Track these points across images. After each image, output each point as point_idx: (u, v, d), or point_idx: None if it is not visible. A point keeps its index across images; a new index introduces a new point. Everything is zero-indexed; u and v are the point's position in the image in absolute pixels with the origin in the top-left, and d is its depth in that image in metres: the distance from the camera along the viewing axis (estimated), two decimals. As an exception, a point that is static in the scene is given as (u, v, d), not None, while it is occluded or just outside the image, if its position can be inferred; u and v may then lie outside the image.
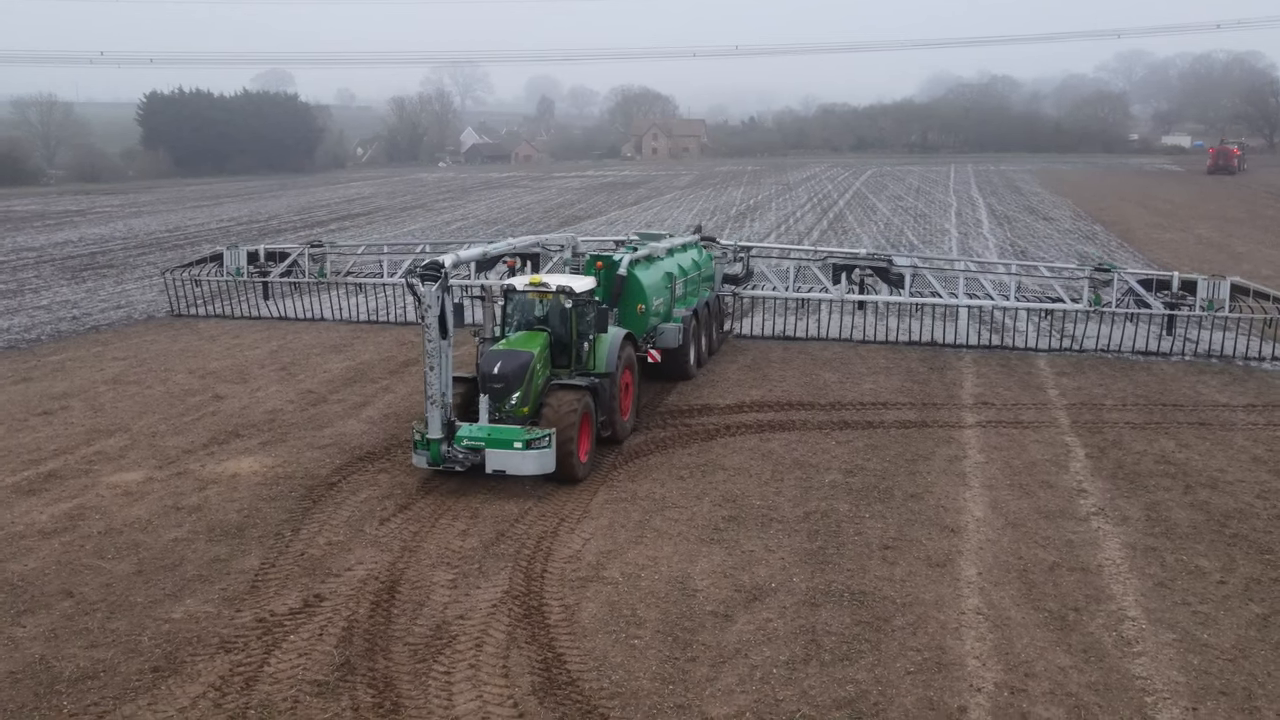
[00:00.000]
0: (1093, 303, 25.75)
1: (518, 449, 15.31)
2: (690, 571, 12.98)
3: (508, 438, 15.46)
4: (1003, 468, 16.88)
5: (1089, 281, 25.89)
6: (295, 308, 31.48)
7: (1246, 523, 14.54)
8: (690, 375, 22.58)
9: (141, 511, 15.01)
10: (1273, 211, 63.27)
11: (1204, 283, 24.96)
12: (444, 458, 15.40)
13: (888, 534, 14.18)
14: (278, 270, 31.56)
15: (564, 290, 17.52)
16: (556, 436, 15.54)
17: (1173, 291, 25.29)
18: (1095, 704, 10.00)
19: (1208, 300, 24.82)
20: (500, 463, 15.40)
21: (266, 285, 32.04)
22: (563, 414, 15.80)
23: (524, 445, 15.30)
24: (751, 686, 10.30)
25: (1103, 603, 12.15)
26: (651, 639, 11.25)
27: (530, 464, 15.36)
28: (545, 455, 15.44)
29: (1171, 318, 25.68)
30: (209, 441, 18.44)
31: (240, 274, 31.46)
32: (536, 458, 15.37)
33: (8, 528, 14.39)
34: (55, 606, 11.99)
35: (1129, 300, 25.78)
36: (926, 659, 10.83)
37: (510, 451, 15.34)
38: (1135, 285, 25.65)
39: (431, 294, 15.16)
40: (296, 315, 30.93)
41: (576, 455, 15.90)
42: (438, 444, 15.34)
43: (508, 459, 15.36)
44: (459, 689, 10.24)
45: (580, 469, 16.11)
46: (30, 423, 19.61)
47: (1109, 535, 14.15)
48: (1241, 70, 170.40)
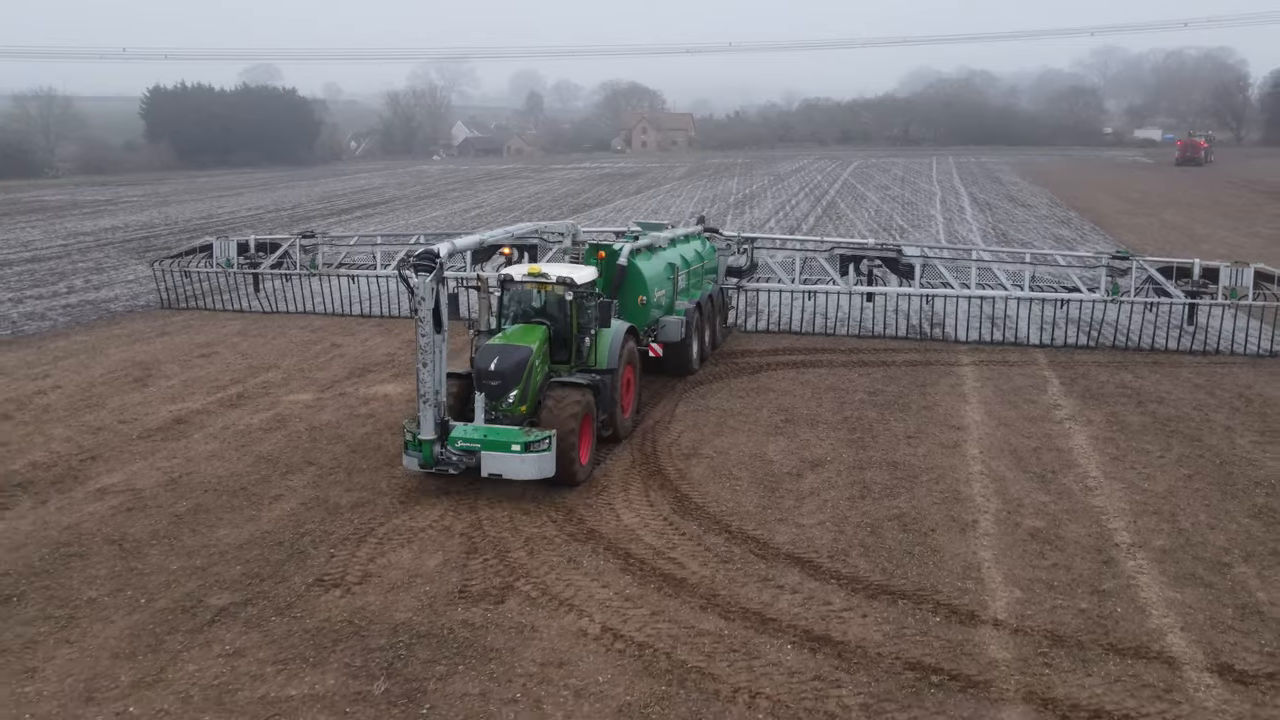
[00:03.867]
0: (1110, 292, 25.22)
1: (515, 451, 14.51)
2: (764, 450, 17.30)
3: (505, 439, 14.64)
4: (994, 390, 21.25)
5: (1106, 270, 25.30)
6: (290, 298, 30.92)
7: (1183, 424, 18.91)
8: (693, 370, 22.23)
9: (329, 417, 19.25)
10: (1233, 199, 68.05)
11: (1226, 270, 24.35)
12: (437, 460, 14.57)
13: (908, 430, 18.53)
14: (268, 261, 30.64)
15: (565, 281, 16.76)
16: (557, 439, 14.78)
17: (1194, 279, 24.72)
18: (1066, 519, 14.36)
19: (1231, 288, 24.25)
20: (497, 466, 14.59)
21: (257, 277, 31.28)
22: (564, 415, 15.06)
23: (522, 448, 14.49)
24: (826, 511, 14.63)
25: (1072, 468, 16.51)
26: (748, 486, 15.58)
27: (529, 468, 14.55)
28: (545, 459, 14.62)
29: (1193, 307, 25.11)
30: (348, 375, 22.62)
31: (230, 265, 30.80)
32: (536, 461, 14.55)
33: (233, 426, 18.62)
34: (306, 471, 16.24)
35: (1148, 289, 25.23)
36: (947, 496, 15.20)
37: (508, 455, 14.53)
38: (1155, 273, 25.04)
39: (425, 286, 14.16)
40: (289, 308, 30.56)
41: (577, 458, 15.18)
42: (430, 445, 14.54)
43: (505, 462, 14.56)
44: (621, 513, 14.52)
45: (581, 472, 15.40)
46: (194, 363, 23.73)
47: (1077, 431, 18.52)
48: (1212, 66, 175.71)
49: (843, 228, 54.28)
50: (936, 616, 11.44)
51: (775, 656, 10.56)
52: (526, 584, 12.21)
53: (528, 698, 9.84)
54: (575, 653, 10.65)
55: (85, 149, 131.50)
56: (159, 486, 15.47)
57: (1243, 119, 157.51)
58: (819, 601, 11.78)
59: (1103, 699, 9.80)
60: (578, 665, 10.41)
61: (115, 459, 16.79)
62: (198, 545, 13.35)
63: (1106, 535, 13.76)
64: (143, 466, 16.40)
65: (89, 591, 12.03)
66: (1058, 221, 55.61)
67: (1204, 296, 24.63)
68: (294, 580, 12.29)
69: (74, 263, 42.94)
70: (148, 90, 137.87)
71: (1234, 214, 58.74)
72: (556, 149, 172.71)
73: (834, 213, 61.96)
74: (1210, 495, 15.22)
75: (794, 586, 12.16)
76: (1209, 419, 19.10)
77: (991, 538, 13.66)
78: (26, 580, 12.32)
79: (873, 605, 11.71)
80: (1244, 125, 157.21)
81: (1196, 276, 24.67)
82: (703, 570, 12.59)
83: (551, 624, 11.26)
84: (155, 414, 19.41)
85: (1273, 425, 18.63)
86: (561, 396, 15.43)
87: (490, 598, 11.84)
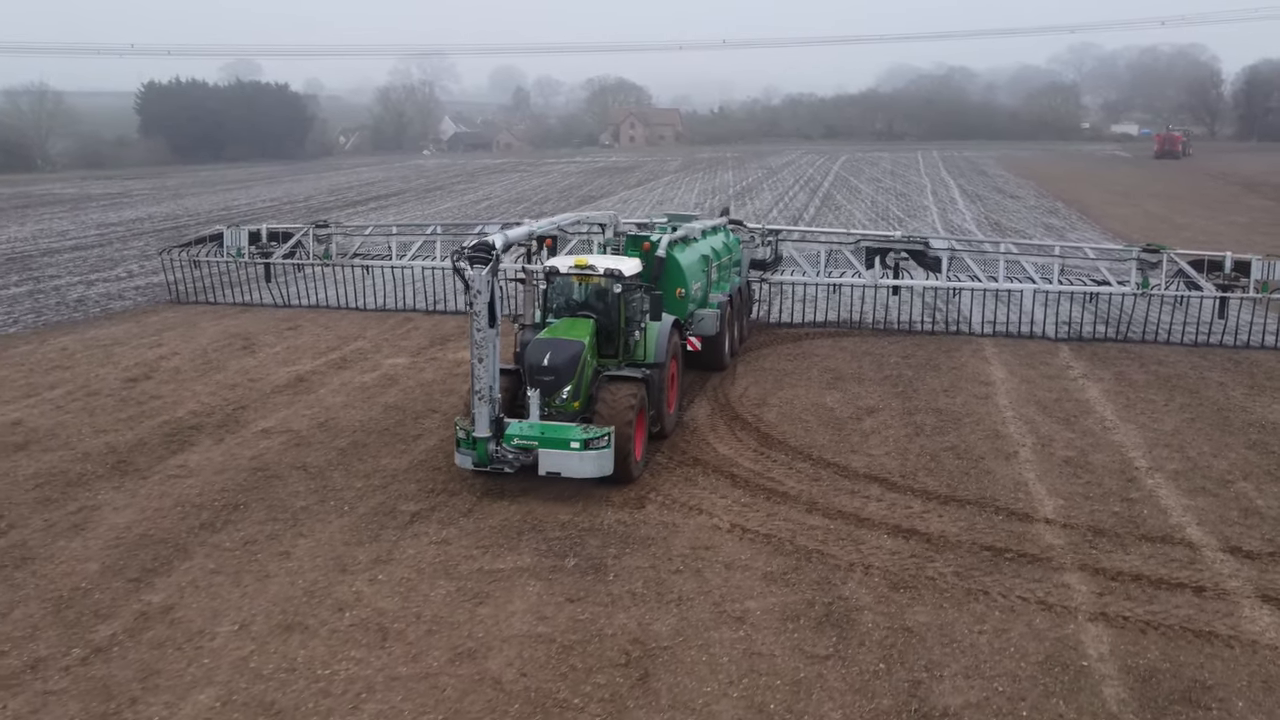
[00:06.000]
0: (1140, 285, 25.14)
1: (574, 449, 14.17)
2: (823, 401, 19.88)
3: (564, 437, 14.27)
4: (1012, 355, 23.88)
5: (1136, 263, 25.23)
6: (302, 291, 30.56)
7: (1182, 380, 21.57)
8: (724, 365, 22.00)
9: (431, 376, 21.71)
10: (1211, 190, 71.24)
11: (1258, 263, 24.22)
12: (492, 458, 14.16)
13: (943, 385, 21.14)
14: (280, 251, 30.32)
15: (613, 273, 16.43)
16: (615, 435, 14.45)
17: (1225, 273, 24.61)
18: (1091, 450, 16.99)
19: (1263, 281, 24.19)
20: (555, 464, 14.23)
21: (268, 267, 30.72)
22: (619, 410, 14.83)
23: (581, 445, 14.15)
24: (889, 444, 17.22)
25: (1090, 414, 19.15)
26: (817, 427, 18.16)
27: (589, 466, 14.23)
28: (604, 456, 14.27)
29: (1224, 300, 24.86)
30: (430, 344, 25.02)
31: (240, 255, 30.40)
32: (595, 459, 14.21)
33: (350, 383, 21.06)
34: (433, 416, 18.68)
35: (1179, 282, 25.28)
36: (988, 434, 17.81)
37: (566, 453, 14.18)
38: (1185, 266, 24.96)
39: (481, 278, 13.71)
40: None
41: (633, 454, 15.01)
42: (485, 443, 14.11)
43: (564, 461, 14.20)
44: (716, 446, 17.06)
45: (636, 469, 15.17)
46: (285, 334, 26.09)
47: (1090, 386, 21.17)
48: (1185, 63, 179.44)
49: (842, 218, 56.92)
50: (998, 516, 14.05)
51: (877, 542, 13.15)
52: (658, 496, 14.74)
53: (688, 569, 12.39)
54: (715, 540, 13.21)
55: (79, 144, 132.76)
56: (312, 428, 17.92)
57: (1217, 114, 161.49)
58: (901, 506, 14.38)
59: (1140, 568, 12.44)
60: (720, 549, 12.97)
61: (261, 408, 19.21)
62: (369, 470, 15.83)
63: (1127, 462, 16.40)
64: (290, 414, 18.84)
65: (298, 502, 14.51)
66: (1046, 211, 58.46)
67: (1235, 290, 24.58)
68: (464, 495, 14.77)
69: (119, 250, 45.03)
70: (142, 85, 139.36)
71: (1211, 204, 61.83)
72: (545, 144, 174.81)
73: (831, 204, 64.67)
74: (1211, 433, 17.90)
75: (878, 497, 14.76)
76: (1204, 377, 21.78)
77: (1032, 464, 16.28)
78: (243, 494, 14.81)
79: (945, 509, 14.32)
80: (1218, 120, 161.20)
81: (1228, 270, 24.62)
82: (799, 485, 15.17)
83: (688, 522, 13.81)
84: (276, 374, 21.81)
85: (1260, 381, 21.33)
86: (616, 391, 15.15)
87: (631, 505, 14.38)
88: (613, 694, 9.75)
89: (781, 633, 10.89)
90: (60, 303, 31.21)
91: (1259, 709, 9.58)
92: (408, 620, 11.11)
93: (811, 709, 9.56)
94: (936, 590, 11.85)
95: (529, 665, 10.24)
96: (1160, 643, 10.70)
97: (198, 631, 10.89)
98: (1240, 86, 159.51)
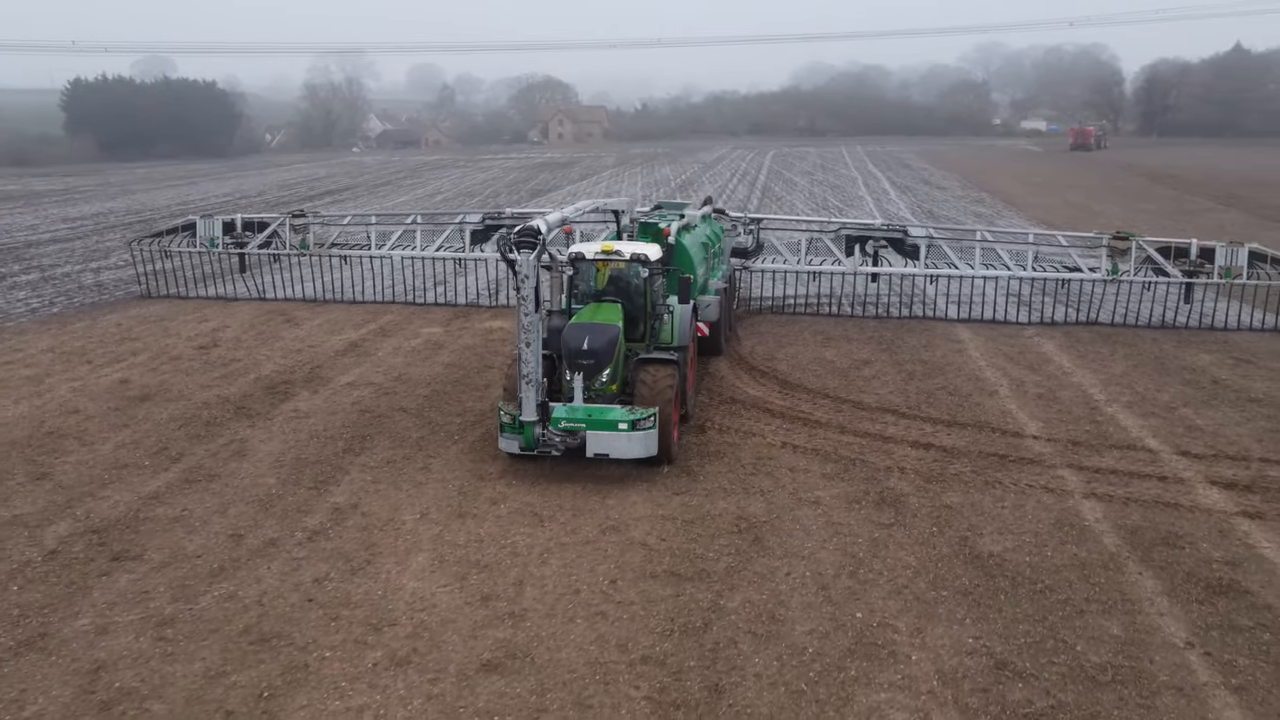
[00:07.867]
0: (1111, 272, 26.17)
1: (623, 430, 14.57)
2: (823, 355, 22.92)
3: (611, 419, 14.70)
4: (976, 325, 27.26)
5: (1107, 250, 26.19)
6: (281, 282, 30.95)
7: (1121, 336, 25.04)
8: (721, 350, 22.40)
9: (469, 341, 24.28)
10: (1123, 181, 76.32)
11: (1222, 249, 25.26)
12: (538, 442, 14.45)
13: (921, 343, 24.33)
14: (255, 241, 30.07)
15: (639, 258, 16.86)
16: (658, 416, 14.88)
17: (1190, 259, 25.60)
18: (1058, 388, 20.26)
19: (1226, 267, 25.25)
20: (603, 446, 14.60)
21: (243, 257, 30.86)
22: (660, 390, 15.25)
23: (630, 426, 14.57)
24: (890, 386, 20.31)
25: (1050, 363, 22.48)
26: (825, 374, 21.20)
27: (636, 446, 14.63)
28: (650, 436, 14.71)
29: (1189, 285, 26.04)
30: (455, 316, 27.54)
31: (214, 245, 30.13)
32: (642, 440, 14.65)
33: (401, 348, 23.53)
34: (490, 371, 21.29)
35: (1146, 269, 26.17)
36: (970, 377, 21.02)
37: (615, 434, 14.57)
38: (1153, 253, 25.88)
39: (529, 263, 14.03)
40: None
41: (672, 434, 15.42)
42: (531, 427, 14.39)
43: (613, 442, 14.58)
44: (746, 388, 19.99)
45: (674, 449, 15.59)
46: (318, 309, 28.31)
47: (1045, 343, 24.51)
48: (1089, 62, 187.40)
49: (785, 207, 60.27)
50: (995, 434, 17.23)
51: (903, 452, 16.24)
52: (712, 426, 17.63)
53: (760, 471, 15.33)
54: (773, 454, 16.15)
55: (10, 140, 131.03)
56: (391, 381, 20.45)
57: (1119, 111, 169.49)
58: (915, 428, 17.49)
59: (1115, 465, 15.70)
60: (780, 459, 15.91)
61: (335, 368, 21.65)
62: (459, 410, 18.47)
63: (1088, 396, 19.73)
64: (363, 371, 21.31)
65: (414, 434, 17.12)
66: (972, 200, 62.57)
67: (1200, 275, 25.56)
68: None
69: (98, 242, 46.40)
70: (68, 83, 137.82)
71: (1124, 193, 66.62)
72: (473, 141, 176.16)
73: (771, 195, 68.10)
74: (1152, 374, 21.36)
75: (893, 423, 17.85)
76: (1139, 334, 25.34)
77: (1011, 398, 19.52)
78: (362, 429, 17.37)
79: (950, 430, 17.46)
80: (1120, 117, 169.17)
81: (1194, 256, 25.59)
82: (827, 415, 18.20)
83: (746, 442, 16.73)
84: (330, 341, 24.18)
85: (1185, 338, 24.90)
86: (655, 373, 15.51)
87: (694, 431, 17.24)
88: (737, 549, 12.65)
89: (850, 510, 13.90)
90: (80, 287, 32.94)
91: (1219, 546, 12.84)
92: (552, 509, 13.87)
93: (890, 555, 12.56)
94: (961, 482, 14.96)
95: (664, 533, 13.09)
96: (1140, 510, 13.93)
97: (387, 520, 13.52)
98: (1141, 85, 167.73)
